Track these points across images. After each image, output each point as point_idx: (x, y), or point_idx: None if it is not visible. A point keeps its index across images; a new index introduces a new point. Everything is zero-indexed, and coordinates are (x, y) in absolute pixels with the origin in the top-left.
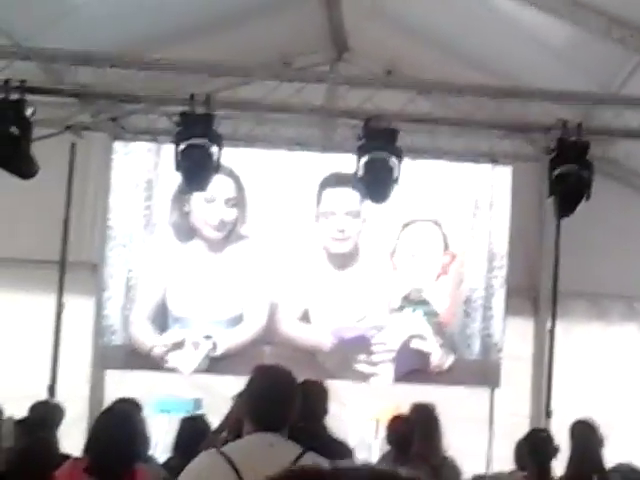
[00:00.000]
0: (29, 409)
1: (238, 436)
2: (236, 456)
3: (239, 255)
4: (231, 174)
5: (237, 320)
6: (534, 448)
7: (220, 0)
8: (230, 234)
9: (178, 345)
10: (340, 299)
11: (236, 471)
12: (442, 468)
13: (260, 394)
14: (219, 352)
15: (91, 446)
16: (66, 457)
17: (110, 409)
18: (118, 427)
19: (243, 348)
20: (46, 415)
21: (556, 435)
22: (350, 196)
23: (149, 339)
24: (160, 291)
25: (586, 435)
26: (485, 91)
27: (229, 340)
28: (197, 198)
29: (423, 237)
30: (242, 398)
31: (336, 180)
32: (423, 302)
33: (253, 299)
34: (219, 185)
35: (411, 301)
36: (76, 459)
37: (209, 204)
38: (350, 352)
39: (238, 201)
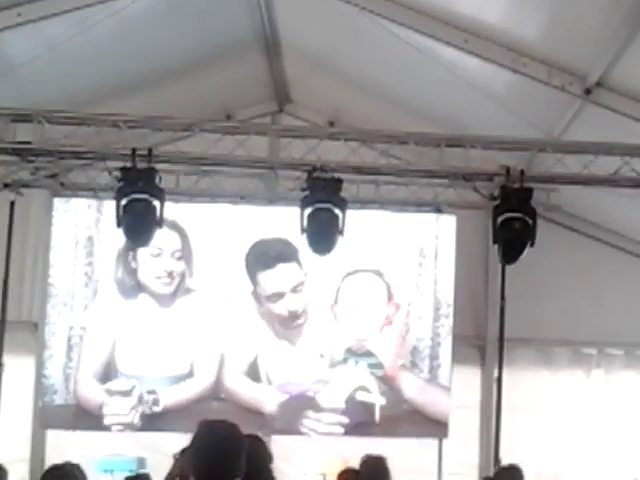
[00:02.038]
0: None
1: None
2: None
3: (187, 309)
4: (174, 226)
5: (186, 376)
6: None
7: (160, 56)
8: (178, 288)
9: (121, 398)
10: (286, 353)
11: None
12: None
13: (204, 450)
14: (160, 408)
15: None
16: None
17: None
18: None
19: (189, 404)
20: None
21: None
22: (291, 271)
23: (98, 397)
24: (107, 349)
25: None
26: (428, 140)
27: (174, 396)
28: (143, 254)
29: (365, 288)
30: (187, 454)
31: (267, 258)
32: (367, 353)
33: (202, 354)
34: (164, 238)
35: (354, 353)
36: None
37: (156, 258)
38: (296, 407)
39: (184, 254)
